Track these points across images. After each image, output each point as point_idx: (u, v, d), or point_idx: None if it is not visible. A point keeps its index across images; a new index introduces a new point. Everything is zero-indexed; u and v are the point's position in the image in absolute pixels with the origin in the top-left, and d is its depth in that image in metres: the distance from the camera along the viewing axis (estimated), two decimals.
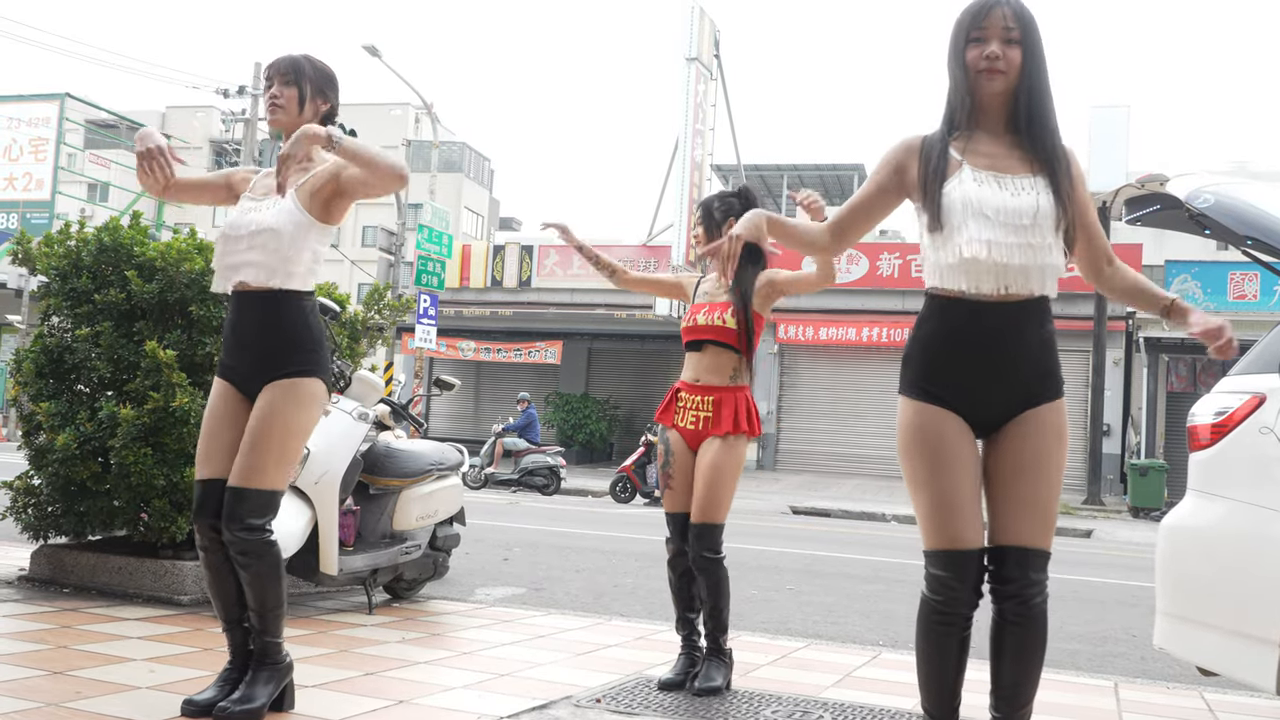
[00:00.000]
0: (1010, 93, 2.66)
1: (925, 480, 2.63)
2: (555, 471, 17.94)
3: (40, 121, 29.79)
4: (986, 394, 2.65)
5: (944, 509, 2.60)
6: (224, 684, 3.20)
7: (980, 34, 2.63)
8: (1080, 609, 7.29)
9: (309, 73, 3.37)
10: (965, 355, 2.64)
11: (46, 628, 4.23)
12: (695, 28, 24.57)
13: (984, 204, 2.59)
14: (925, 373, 2.67)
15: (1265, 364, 3.75)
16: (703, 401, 3.97)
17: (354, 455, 4.90)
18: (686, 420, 4.00)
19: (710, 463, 3.91)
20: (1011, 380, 2.66)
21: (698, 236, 4.11)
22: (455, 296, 26.48)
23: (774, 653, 4.79)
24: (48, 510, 5.17)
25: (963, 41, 2.66)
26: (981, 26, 2.63)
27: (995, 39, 2.62)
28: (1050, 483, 2.68)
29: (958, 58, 2.67)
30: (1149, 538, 12.91)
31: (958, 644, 2.64)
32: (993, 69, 2.62)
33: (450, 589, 6.34)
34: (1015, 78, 2.64)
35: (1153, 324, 22.17)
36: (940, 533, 2.61)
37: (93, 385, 5.11)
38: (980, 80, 2.64)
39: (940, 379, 2.65)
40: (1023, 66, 2.64)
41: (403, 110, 47.72)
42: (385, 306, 6.15)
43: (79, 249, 5.17)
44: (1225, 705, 4.32)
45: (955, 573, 2.59)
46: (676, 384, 4.11)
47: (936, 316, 2.68)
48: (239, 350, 3.28)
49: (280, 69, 3.35)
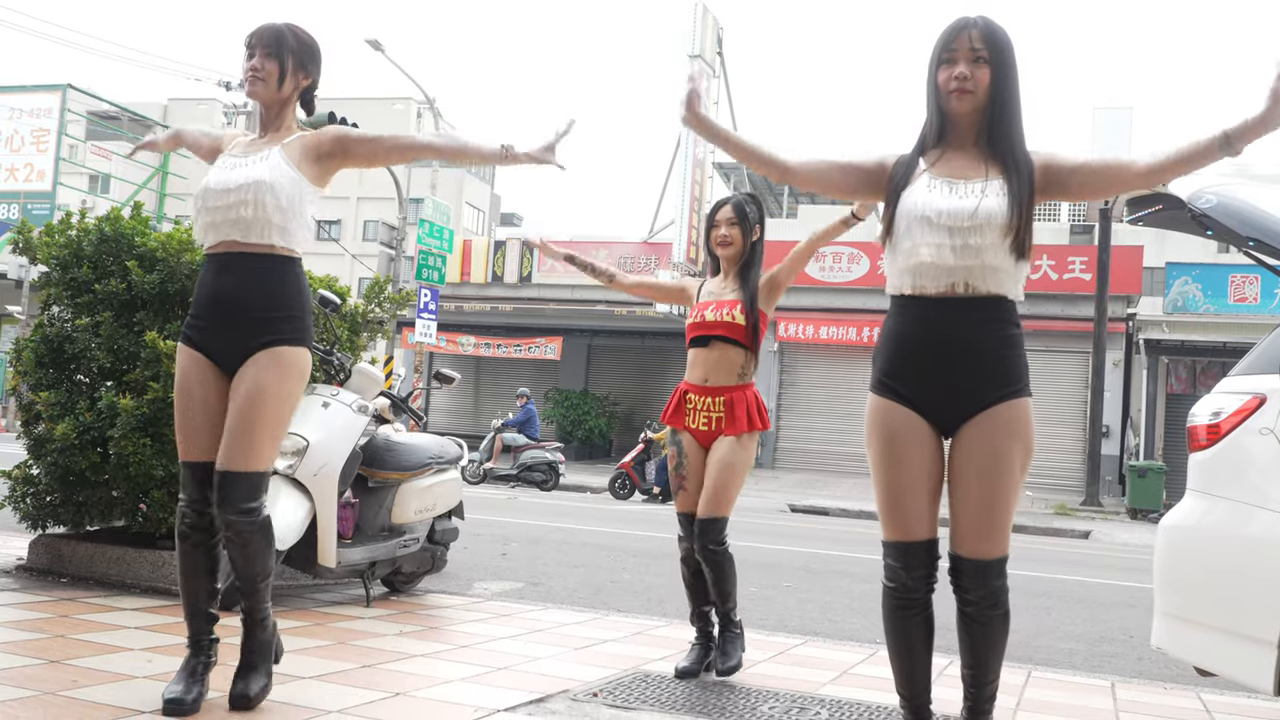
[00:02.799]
0: (979, 110, 2.77)
1: (879, 473, 2.78)
2: (554, 467, 17.95)
3: (42, 112, 29.75)
4: (941, 391, 2.72)
5: (894, 502, 2.76)
6: (190, 676, 3.10)
7: (950, 55, 2.75)
8: (1077, 609, 7.29)
9: (291, 45, 3.26)
10: (920, 353, 2.74)
11: (44, 617, 4.22)
12: (699, 25, 24.56)
13: (928, 207, 2.70)
14: (886, 369, 2.80)
15: (1265, 365, 3.75)
16: (714, 403, 3.99)
17: (353, 448, 4.90)
18: (699, 422, 4.01)
19: (722, 459, 3.96)
20: (965, 378, 2.71)
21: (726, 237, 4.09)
22: (456, 291, 26.48)
23: (772, 649, 4.79)
24: (46, 500, 5.17)
25: (935, 63, 2.78)
26: (951, 48, 2.74)
27: (963, 60, 2.73)
28: (1006, 484, 2.71)
29: (930, 79, 2.80)
30: (1147, 539, 12.92)
31: (920, 626, 2.82)
32: (961, 89, 2.73)
33: (448, 583, 6.34)
34: (984, 96, 2.74)
35: (1153, 326, 22.19)
36: (891, 525, 2.77)
37: (92, 375, 5.11)
38: (950, 100, 2.75)
39: (898, 376, 2.76)
40: (991, 85, 2.73)
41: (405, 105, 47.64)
42: (386, 299, 6.16)
43: (80, 239, 5.17)
44: (1222, 706, 4.32)
45: (905, 562, 2.78)
46: (682, 386, 4.10)
47: (895, 316, 2.80)
48: (220, 315, 3.13)
49: (263, 40, 3.24)
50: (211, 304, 3.16)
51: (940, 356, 2.71)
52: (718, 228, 4.13)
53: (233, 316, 3.13)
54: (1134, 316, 22.75)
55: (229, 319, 3.14)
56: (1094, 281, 20.51)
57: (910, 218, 2.71)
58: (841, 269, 24.41)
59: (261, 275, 3.14)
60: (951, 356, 2.70)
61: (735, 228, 4.10)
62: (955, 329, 2.69)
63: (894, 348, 2.78)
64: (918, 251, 2.69)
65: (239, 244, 3.14)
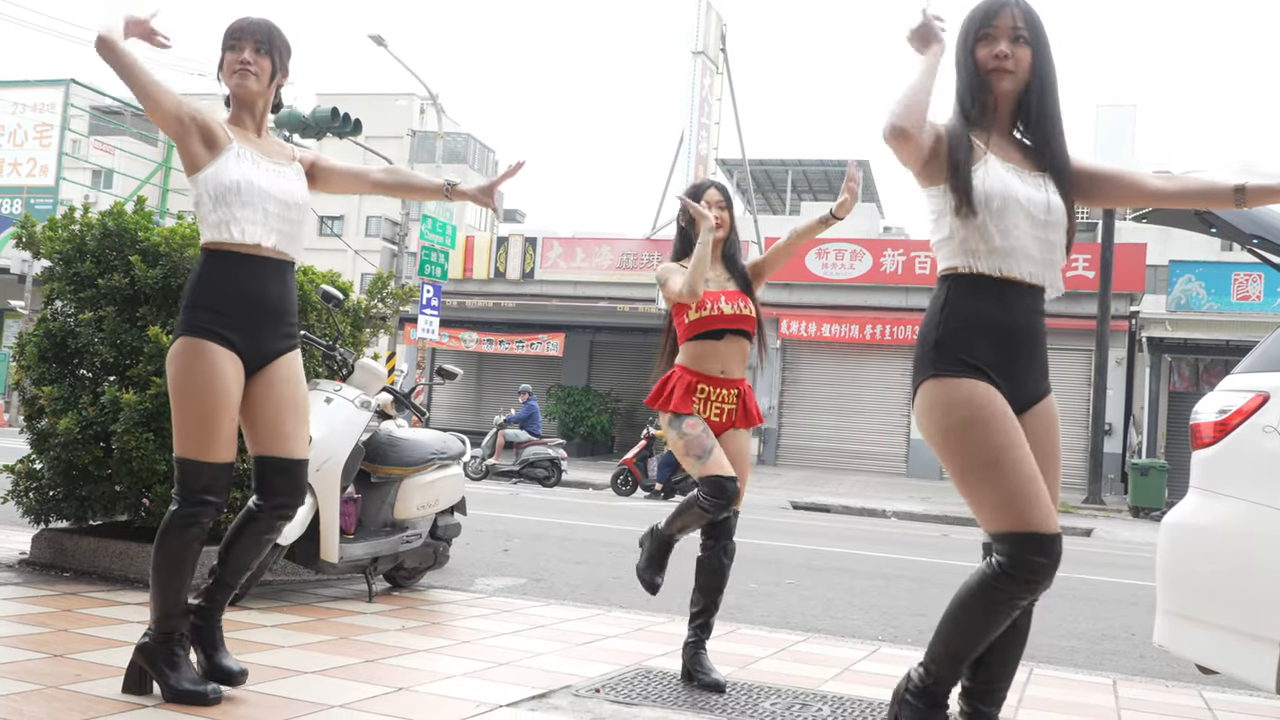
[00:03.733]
0: (1017, 92, 2.70)
1: (996, 457, 2.51)
2: (556, 463, 17.95)
3: (45, 107, 29.78)
4: (1019, 376, 2.66)
5: (1033, 484, 2.50)
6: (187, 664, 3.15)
7: (989, 31, 2.67)
8: (1079, 607, 7.28)
9: (280, 42, 3.29)
10: (999, 336, 2.64)
11: (47, 611, 4.23)
12: (702, 21, 24.54)
13: (1017, 193, 2.62)
14: (968, 349, 2.60)
15: (1269, 363, 3.74)
16: (728, 394, 3.92)
17: (356, 443, 4.90)
18: (710, 413, 3.89)
19: (741, 450, 3.94)
20: (1035, 365, 2.70)
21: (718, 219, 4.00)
22: (458, 287, 26.48)
23: (774, 646, 4.79)
24: (49, 494, 5.18)
25: (972, 39, 2.70)
26: (992, 25, 2.67)
27: (1004, 38, 2.66)
28: (1059, 473, 2.73)
29: (967, 54, 2.71)
30: (1149, 537, 12.91)
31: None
32: (1001, 68, 2.66)
33: (450, 578, 6.35)
34: (1024, 77, 2.68)
35: (1156, 324, 22.17)
36: (1033, 512, 2.48)
37: (95, 370, 5.11)
38: (990, 79, 2.68)
39: (982, 356, 2.60)
40: (1032, 66, 2.68)
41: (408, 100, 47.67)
42: (388, 295, 6.15)
43: (83, 234, 5.17)
44: (1224, 704, 4.31)
45: (1051, 559, 2.49)
46: (687, 377, 3.89)
47: (968, 296, 2.64)
48: (257, 315, 3.18)
49: (255, 34, 3.23)
50: (248, 306, 3.18)
51: (1021, 344, 2.65)
52: (709, 207, 4.00)
53: (267, 320, 3.22)
54: (1137, 314, 22.73)
55: (268, 322, 3.22)
56: (1097, 279, 20.50)
57: (1004, 199, 2.60)
58: (844, 266, 24.40)
59: (290, 284, 3.31)
60: (1028, 342, 2.66)
61: (725, 211, 4.03)
62: (1033, 318, 2.67)
63: (975, 327, 2.62)
64: (1016, 234, 2.60)
65: (283, 254, 3.24)
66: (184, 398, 3.13)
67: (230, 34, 3.25)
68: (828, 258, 24.37)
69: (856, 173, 3.79)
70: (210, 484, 3.13)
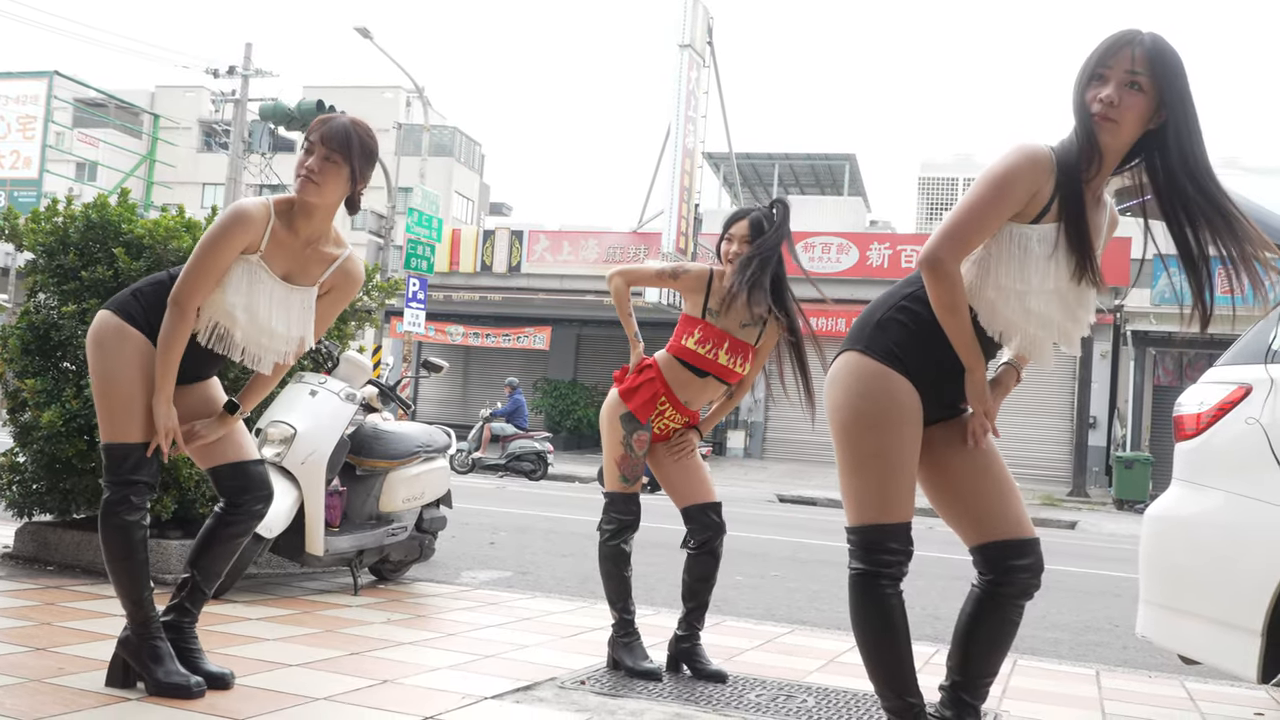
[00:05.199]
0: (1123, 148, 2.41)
1: (885, 452, 2.49)
2: (542, 457, 17.95)
3: (28, 99, 29.54)
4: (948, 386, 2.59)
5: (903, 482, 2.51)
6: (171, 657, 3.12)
7: (1103, 71, 2.37)
8: (1063, 599, 7.32)
9: (358, 149, 3.02)
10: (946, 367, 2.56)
11: (30, 604, 4.21)
12: (689, 14, 24.50)
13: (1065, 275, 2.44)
14: (906, 347, 2.53)
15: (1251, 355, 3.77)
16: (679, 419, 3.97)
17: (341, 436, 4.89)
18: (658, 426, 3.94)
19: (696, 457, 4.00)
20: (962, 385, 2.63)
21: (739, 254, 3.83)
22: (444, 281, 26.40)
23: (759, 638, 4.80)
24: (32, 487, 5.15)
25: (1085, 78, 2.40)
26: (1107, 64, 2.37)
27: (1115, 81, 2.35)
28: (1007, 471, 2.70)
29: (1079, 94, 2.41)
30: (1133, 530, 12.98)
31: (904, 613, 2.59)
32: (1105, 115, 2.35)
33: (436, 571, 6.34)
34: (1131, 133, 2.38)
35: (1140, 317, 22.26)
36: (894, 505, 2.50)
37: (79, 362, 5.08)
38: (1094, 124, 2.37)
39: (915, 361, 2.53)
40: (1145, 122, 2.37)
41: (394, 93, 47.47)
42: (374, 288, 6.13)
43: (66, 226, 5.14)
44: (1206, 694, 4.34)
45: (905, 544, 2.54)
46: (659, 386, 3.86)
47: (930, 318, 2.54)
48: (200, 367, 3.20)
49: (333, 140, 2.99)
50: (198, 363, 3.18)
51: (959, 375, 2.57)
52: (730, 242, 3.85)
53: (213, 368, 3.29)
54: (1121, 308, 22.82)
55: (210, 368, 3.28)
56: None
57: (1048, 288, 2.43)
58: (831, 260, 24.43)
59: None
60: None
61: (748, 245, 3.82)
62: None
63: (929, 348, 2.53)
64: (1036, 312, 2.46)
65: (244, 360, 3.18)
66: (105, 383, 3.04)
67: (308, 133, 3.07)
68: (814, 251, 24.40)
69: None
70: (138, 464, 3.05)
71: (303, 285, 3.18)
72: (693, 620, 3.92)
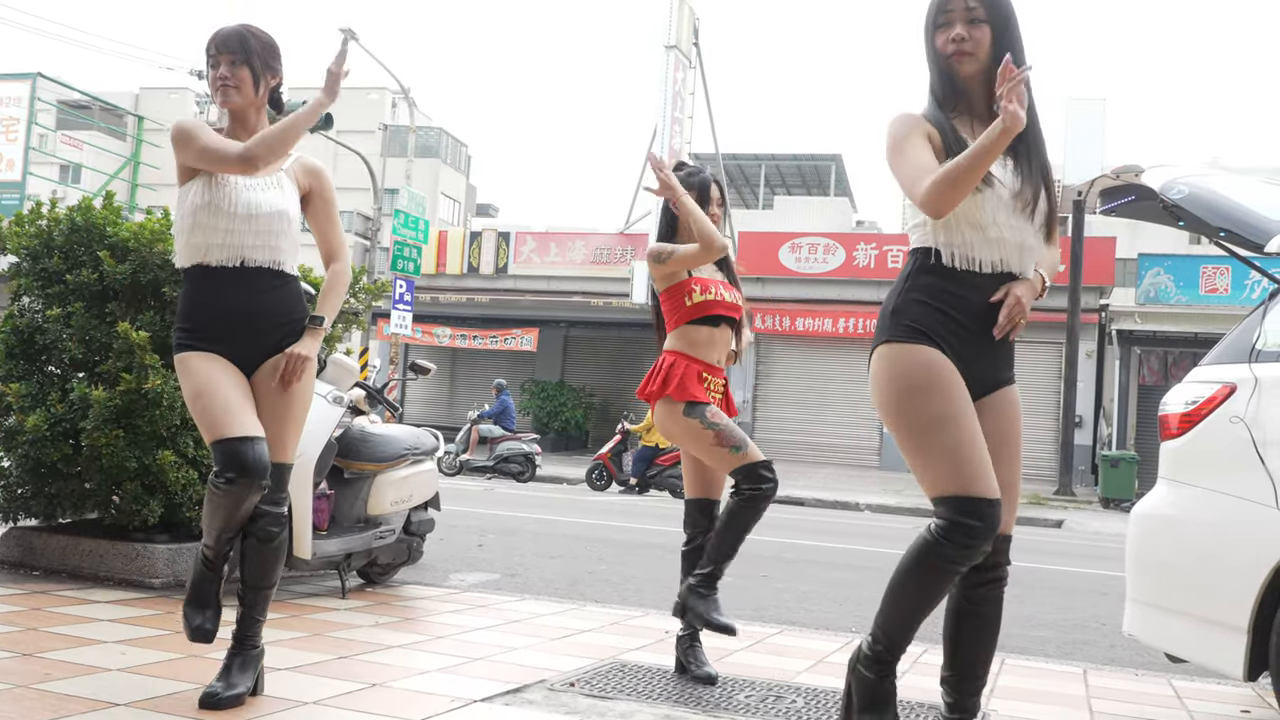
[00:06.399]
0: (984, 73, 2.65)
1: (942, 419, 2.51)
2: (530, 459, 17.92)
3: (11, 101, 29.35)
4: (975, 357, 2.63)
5: (974, 450, 2.50)
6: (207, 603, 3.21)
7: (945, 18, 2.66)
8: (1050, 598, 7.35)
9: (256, 47, 3.23)
10: (959, 314, 2.61)
11: (16, 610, 4.19)
12: (675, 15, 24.53)
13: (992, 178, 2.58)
14: (923, 319, 2.60)
15: (1236, 354, 3.79)
16: (718, 384, 3.94)
17: (328, 439, 4.88)
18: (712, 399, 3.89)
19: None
20: (998, 352, 2.68)
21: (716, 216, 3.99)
22: (431, 283, 26.37)
23: (749, 638, 4.81)
24: (17, 492, 5.12)
25: (931, 28, 2.69)
26: (947, 10, 2.66)
27: (959, 21, 2.63)
28: (1020, 464, 2.72)
29: (929, 44, 2.70)
30: (1119, 528, 13.03)
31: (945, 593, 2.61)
32: (960, 51, 2.63)
33: (424, 574, 6.33)
34: (986, 58, 2.63)
35: (1125, 316, 22.36)
36: (974, 477, 2.49)
37: (64, 366, 5.06)
38: (951, 64, 2.66)
39: (941, 330, 2.59)
40: (993, 46, 2.62)
41: (380, 94, 47.42)
42: (361, 290, 6.12)
43: (50, 229, 5.12)
44: (1193, 692, 4.36)
45: (988, 524, 2.48)
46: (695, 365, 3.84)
47: (932, 273, 2.63)
48: (232, 327, 3.16)
49: (227, 46, 3.20)
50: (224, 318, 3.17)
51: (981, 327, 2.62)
52: (710, 205, 3.98)
53: (250, 330, 3.19)
54: (1107, 307, 22.91)
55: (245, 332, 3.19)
56: (1067, 272, 20.64)
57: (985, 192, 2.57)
58: (818, 260, 24.46)
59: (280, 294, 3.25)
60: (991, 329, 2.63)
61: (721, 208, 4.07)
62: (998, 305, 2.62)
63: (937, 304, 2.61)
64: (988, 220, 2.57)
65: (256, 262, 3.19)
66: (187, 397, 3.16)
67: (207, 50, 3.24)
68: (801, 252, 24.43)
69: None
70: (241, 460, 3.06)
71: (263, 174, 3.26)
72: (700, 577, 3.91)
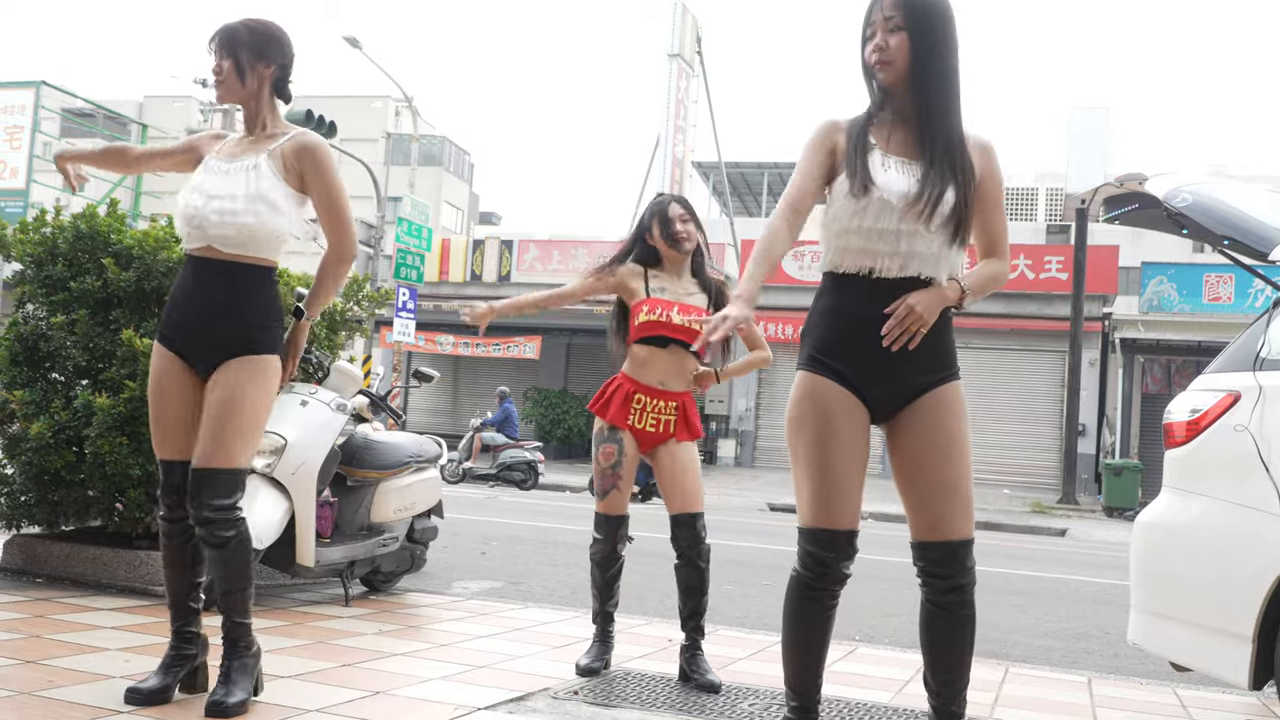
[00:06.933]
0: (904, 81, 2.66)
1: (811, 455, 2.62)
2: (533, 467, 17.92)
3: (15, 109, 29.44)
4: (888, 373, 2.64)
5: (827, 487, 2.60)
6: (167, 671, 3.14)
7: (871, 29, 2.68)
8: (1054, 606, 7.33)
9: (244, 38, 3.21)
10: (859, 331, 2.63)
11: (19, 617, 4.19)
12: (678, 24, 24.59)
13: (888, 186, 2.61)
14: (821, 346, 2.68)
15: (1240, 363, 3.78)
16: (666, 406, 3.95)
17: (332, 446, 4.88)
18: (646, 423, 3.94)
19: (691, 459, 3.99)
20: (915, 359, 2.64)
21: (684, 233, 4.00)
22: (434, 290, 26.38)
23: (752, 647, 4.80)
24: (21, 500, 5.12)
25: (862, 43, 2.71)
26: (870, 22, 2.68)
27: (880, 30, 2.65)
28: (965, 465, 2.68)
29: (861, 58, 2.72)
30: (1123, 537, 13.00)
31: (829, 620, 2.69)
32: (880, 60, 2.65)
33: (427, 582, 6.32)
34: (904, 66, 2.64)
35: (1128, 325, 22.34)
36: (821, 511, 2.61)
37: (68, 374, 5.06)
38: (874, 73, 2.68)
39: (836, 353, 2.65)
40: (911, 53, 2.63)
41: (383, 103, 47.49)
42: (364, 298, 6.12)
43: (55, 236, 5.12)
44: (1198, 701, 4.35)
45: (836, 552, 2.62)
46: (627, 385, 3.95)
47: (831, 292, 2.71)
48: (197, 320, 3.14)
49: (219, 41, 3.22)
50: (191, 310, 3.17)
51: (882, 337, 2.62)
52: (672, 223, 3.98)
53: (211, 325, 3.15)
54: (1110, 316, 22.90)
55: (208, 327, 3.15)
56: (1070, 281, 20.64)
57: (863, 199, 2.60)
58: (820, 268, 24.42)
59: (244, 284, 3.18)
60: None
61: (689, 224, 4.01)
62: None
63: (834, 323, 2.67)
64: (878, 227, 2.59)
65: (224, 253, 3.15)
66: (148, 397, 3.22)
67: (209, 44, 3.27)
68: (803, 260, 24.42)
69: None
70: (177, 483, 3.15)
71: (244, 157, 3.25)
72: (688, 629, 3.94)
